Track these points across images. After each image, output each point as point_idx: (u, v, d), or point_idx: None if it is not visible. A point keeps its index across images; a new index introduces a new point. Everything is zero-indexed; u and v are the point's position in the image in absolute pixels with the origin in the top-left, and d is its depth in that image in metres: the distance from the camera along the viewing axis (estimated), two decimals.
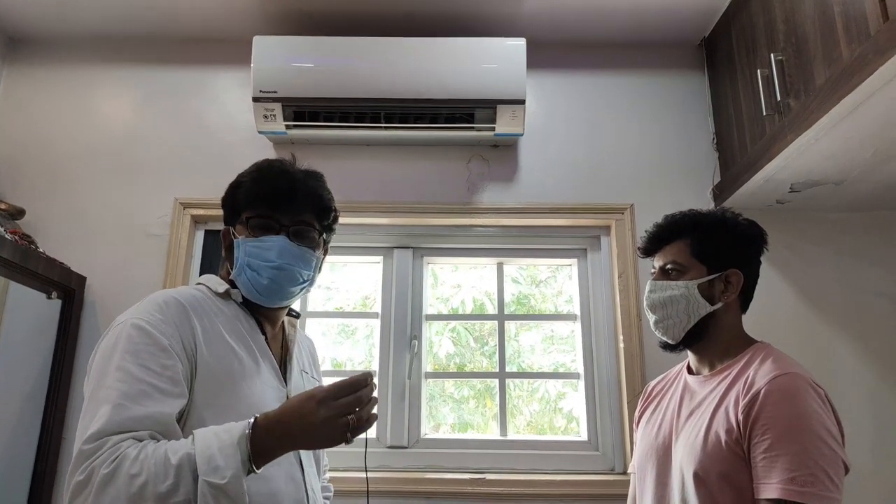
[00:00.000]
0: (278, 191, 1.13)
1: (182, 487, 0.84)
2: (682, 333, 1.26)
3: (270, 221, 1.12)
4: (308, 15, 2.17)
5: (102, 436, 0.87)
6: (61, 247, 2.05)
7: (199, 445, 0.87)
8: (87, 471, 0.85)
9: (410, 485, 1.91)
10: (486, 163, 2.21)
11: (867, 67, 1.31)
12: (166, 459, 0.85)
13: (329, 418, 0.90)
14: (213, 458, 0.85)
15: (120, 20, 2.23)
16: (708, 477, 1.09)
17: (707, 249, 1.26)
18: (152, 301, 1.04)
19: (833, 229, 2.10)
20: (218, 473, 0.84)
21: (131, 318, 1.00)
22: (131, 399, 0.90)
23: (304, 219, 1.15)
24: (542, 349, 2.25)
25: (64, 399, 1.93)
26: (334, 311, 2.26)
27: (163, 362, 0.96)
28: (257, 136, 2.16)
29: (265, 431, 0.90)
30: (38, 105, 2.26)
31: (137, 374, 0.93)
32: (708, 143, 2.20)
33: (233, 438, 0.88)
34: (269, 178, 1.14)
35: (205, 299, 1.10)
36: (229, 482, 0.84)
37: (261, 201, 1.13)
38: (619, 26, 2.22)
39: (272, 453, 0.91)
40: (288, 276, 1.12)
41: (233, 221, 1.17)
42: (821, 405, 1.06)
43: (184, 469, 0.85)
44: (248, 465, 0.88)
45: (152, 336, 0.97)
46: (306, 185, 1.16)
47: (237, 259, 1.12)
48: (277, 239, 1.11)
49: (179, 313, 1.03)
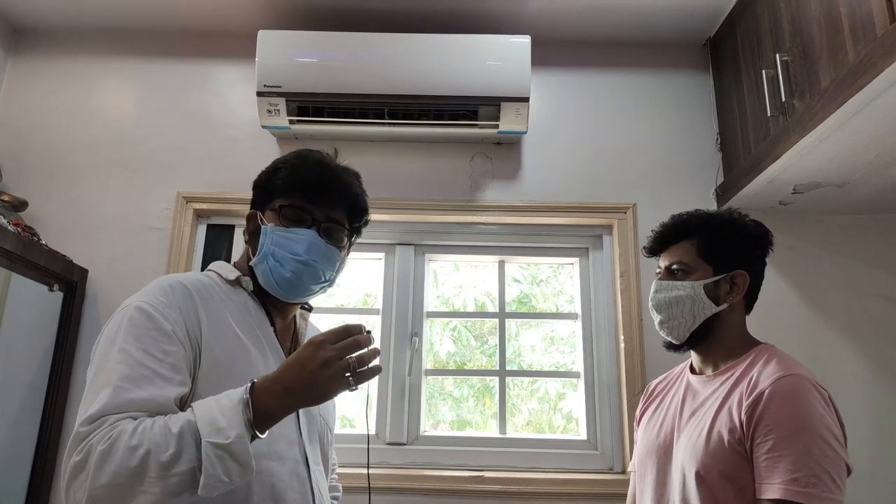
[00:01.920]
0: (316, 184, 1.10)
1: (185, 455, 0.81)
2: (686, 334, 1.26)
3: (303, 214, 1.10)
4: (313, 10, 2.17)
5: (99, 417, 0.85)
6: (63, 239, 2.05)
7: (199, 412, 0.85)
8: (84, 450, 0.82)
9: (409, 482, 1.91)
10: (489, 160, 2.21)
11: (873, 69, 1.30)
12: (166, 429, 0.83)
13: (329, 360, 0.87)
14: (216, 421, 0.83)
15: (124, 13, 2.23)
16: (710, 476, 1.09)
17: (714, 250, 1.25)
18: (158, 285, 1.02)
19: (836, 231, 2.09)
20: (222, 434, 0.82)
21: (135, 301, 0.98)
22: (132, 382, 0.88)
23: (337, 217, 1.13)
24: (543, 348, 2.25)
25: (65, 391, 1.93)
26: (335, 308, 2.26)
27: (165, 348, 0.93)
28: (261, 130, 2.15)
29: (264, 391, 0.87)
30: (41, 97, 2.26)
31: (139, 358, 0.90)
32: (712, 143, 2.20)
33: (232, 401, 0.86)
34: (309, 168, 1.12)
35: (213, 286, 1.08)
36: (234, 441, 0.82)
37: (297, 191, 1.10)
38: (624, 25, 2.22)
39: (274, 413, 0.88)
40: (312, 273, 1.10)
41: (262, 206, 1.13)
42: (824, 407, 1.06)
43: (185, 436, 0.82)
44: (251, 430, 0.85)
45: (155, 320, 0.95)
46: (345, 182, 1.14)
47: (262, 246, 1.09)
48: (307, 233, 1.09)
49: (185, 298, 1.00)
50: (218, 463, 0.81)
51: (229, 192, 2.15)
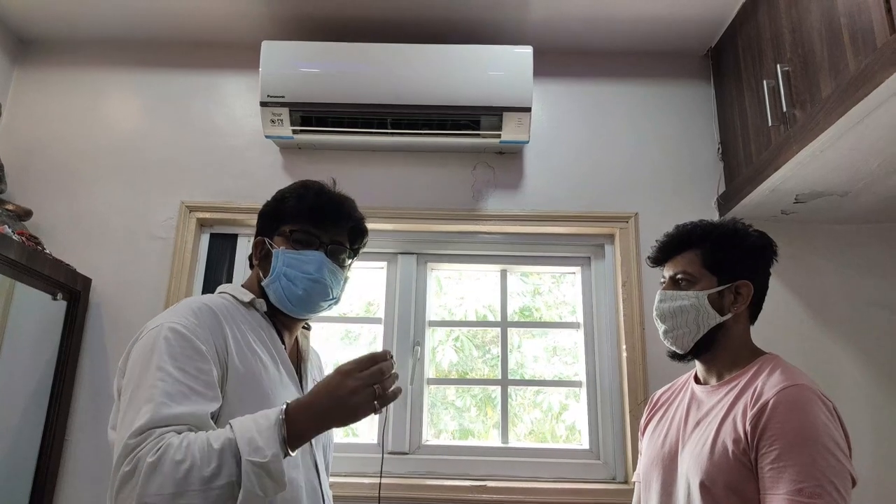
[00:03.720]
0: (322, 210, 1.21)
1: (225, 470, 0.88)
2: (691, 343, 1.26)
3: (311, 237, 1.20)
4: (316, 20, 2.18)
5: (146, 430, 0.91)
6: (67, 248, 2.06)
7: (239, 430, 0.92)
8: (133, 461, 0.89)
9: (411, 491, 1.90)
10: (491, 170, 2.22)
11: (873, 79, 1.31)
12: (209, 445, 0.90)
13: (357, 388, 0.95)
14: (254, 440, 0.90)
15: (129, 24, 2.24)
16: (714, 487, 1.09)
17: (718, 260, 1.26)
18: (187, 306, 1.09)
19: (837, 240, 2.10)
20: (260, 453, 0.89)
21: (168, 321, 1.04)
22: (172, 398, 0.95)
23: (341, 239, 1.23)
24: (546, 359, 2.24)
25: (67, 400, 1.93)
26: (337, 317, 2.26)
27: (199, 366, 1.01)
28: (264, 140, 2.16)
29: (297, 413, 0.95)
30: (46, 107, 2.27)
31: (176, 376, 0.98)
32: (713, 152, 2.21)
33: (269, 422, 0.93)
34: (314, 197, 1.22)
35: (231, 307, 1.16)
36: (271, 461, 0.89)
37: (305, 217, 1.20)
38: (625, 35, 2.23)
39: (306, 434, 0.96)
40: (321, 290, 1.19)
41: (271, 233, 1.22)
42: (829, 417, 1.06)
43: (226, 453, 0.89)
44: (284, 448, 0.93)
45: (189, 340, 1.02)
46: (346, 208, 1.25)
47: (274, 268, 1.18)
48: (316, 254, 1.19)
49: (212, 319, 1.08)
50: (255, 479, 0.89)
51: (232, 201, 2.15)
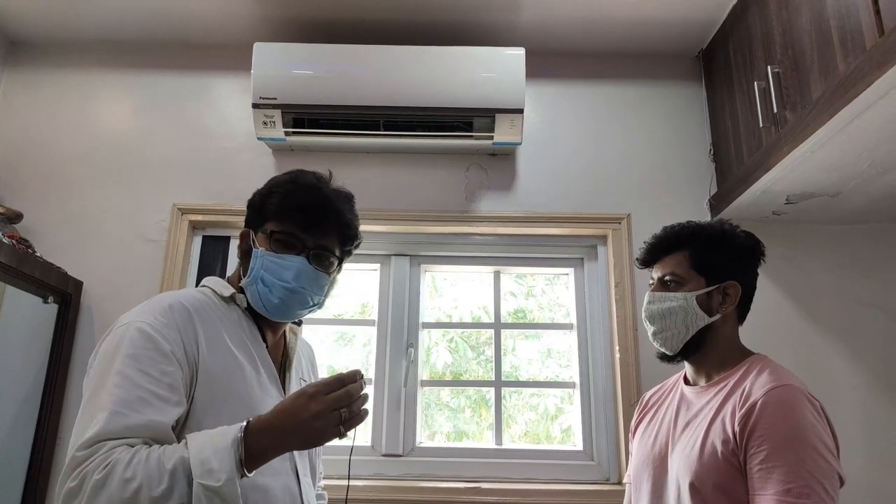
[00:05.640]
0: (308, 211, 1.11)
1: (176, 491, 0.84)
2: (680, 345, 1.26)
3: (294, 240, 1.11)
4: (308, 22, 2.18)
5: (96, 442, 0.87)
6: (58, 251, 2.05)
7: (193, 449, 0.87)
8: (79, 477, 0.84)
9: (405, 493, 1.90)
10: (484, 171, 2.22)
11: (863, 80, 1.32)
12: (160, 464, 0.85)
13: (320, 412, 0.89)
14: (208, 461, 0.85)
15: (120, 25, 2.24)
16: (704, 487, 1.09)
17: (706, 261, 1.26)
18: (158, 303, 1.03)
19: (828, 241, 2.10)
20: (213, 476, 0.84)
21: (136, 320, 0.99)
22: (128, 406, 0.90)
23: (327, 244, 1.14)
24: (540, 361, 2.24)
25: (59, 404, 1.92)
26: (331, 318, 2.26)
27: (163, 368, 0.95)
28: (256, 142, 2.16)
29: (258, 433, 0.89)
30: (37, 109, 2.27)
31: (136, 380, 0.92)
32: (705, 153, 2.21)
33: (226, 441, 0.88)
34: (302, 194, 1.12)
35: (209, 303, 1.10)
36: (224, 485, 0.84)
37: (288, 218, 1.11)
38: (616, 37, 2.24)
39: (266, 455, 0.90)
40: (299, 299, 1.12)
41: (255, 227, 1.15)
42: (816, 417, 1.06)
43: (178, 473, 0.85)
44: (240, 470, 0.87)
45: (155, 341, 0.96)
46: (337, 209, 1.14)
47: (252, 269, 1.11)
48: (297, 259, 1.10)
49: (184, 318, 1.02)
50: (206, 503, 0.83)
51: (225, 203, 2.15)
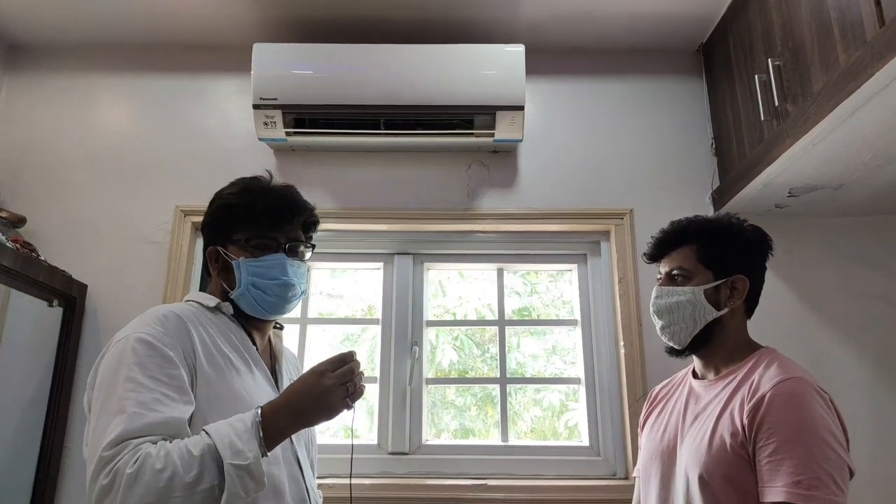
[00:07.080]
0: (275, 211, 1.20)
1: (207, 475, 0.91)
2: (688, 339, 1.26)
3: (269, 241, 1.19)
4: (308, 22, 2.18)
5: (121, 441, 0.91)
6: (62, 255, 2.05)
7: (216, 435, 0.94)
8: (111, 474, 0.89)
9: (412, 491, 1.90)
10: (485, 169, 2.22)
11: (864, 72, 1.32)
12: (188, 452, 0.92)
13: (332, 386, 1.02)
14: (234, 444, 0.93)
15: (120, 28, 2.23)
16: (713, 480, 1.10)
17: (713, 255, 1.26)
18: (152, 315, 1.08)
19: (832, 233, 2.10)
20: (241, 456, 0.92)
21: (134, 332, 1.03)
22: (145, 406, 0.95)
23: (297, 235, 1.23)
24: (545, 358, 2.24)
25: (65, 407, 1.92)
26: (334, 318, 2.26)
27: (170, 372, 1.01)
28: (257, 143, 2.16)
29: (273, 415, 0.99)
30: (38, 112, 2.26)
31: (147, 384, 0.97)
32: (707, 147, 2.21)
33: (246, 425, 0.96)
34: (259, 198, 1.20)
35: (199, 313, 1.15)
36: (252, 462, 0.93)
37: (257, 223, 1.19)
38: (616, 32, 2.23)
39: (282, 434, 1.01)
40: (291, 291, 1.21)
41: (223, 241, 1.21)
42: (826, 410, 1.06)
43: (206, 458, 0.92)
44: (262, 448, 0.96)
45: (157, 348, 1.02)
46: (294, 201, 1.24)
47: (240, 279, 1.17)
48: (278, 257, 1.19)
49: (178, 326, 1.08)
50: (239, 482, 0.92)
51: None
